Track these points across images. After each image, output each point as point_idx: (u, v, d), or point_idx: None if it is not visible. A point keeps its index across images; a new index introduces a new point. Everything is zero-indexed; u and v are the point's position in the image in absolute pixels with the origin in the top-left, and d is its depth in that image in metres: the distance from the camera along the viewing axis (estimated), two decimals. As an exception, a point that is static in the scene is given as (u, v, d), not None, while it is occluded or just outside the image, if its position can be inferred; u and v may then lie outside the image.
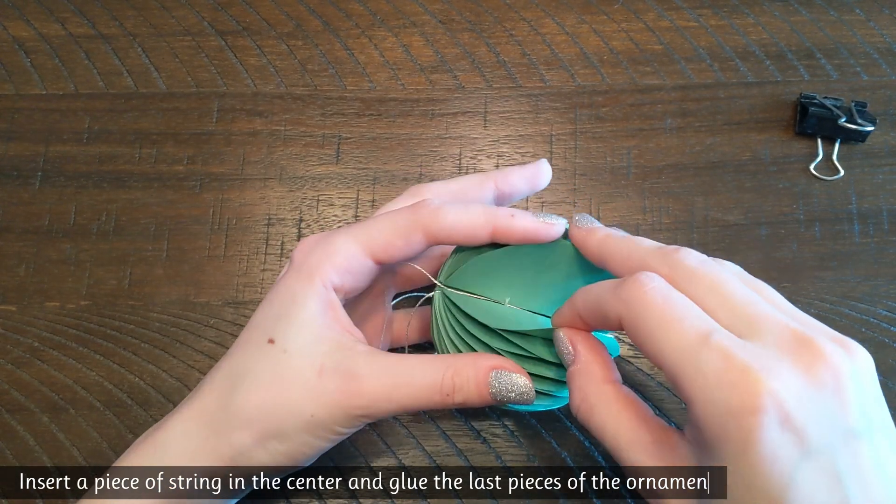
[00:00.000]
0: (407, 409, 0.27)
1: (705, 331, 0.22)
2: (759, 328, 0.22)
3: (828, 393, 0.20)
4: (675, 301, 0.23)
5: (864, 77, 0.42)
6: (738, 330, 0.22)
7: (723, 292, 0.23)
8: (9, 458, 0.35)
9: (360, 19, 0.43)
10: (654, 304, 0.23)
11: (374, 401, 0.27)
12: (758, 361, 0.20)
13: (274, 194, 0.40)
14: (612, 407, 0.25)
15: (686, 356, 0.21)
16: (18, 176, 0.40)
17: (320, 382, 0.27)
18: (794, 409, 0.20)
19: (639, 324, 0.23)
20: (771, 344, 0.21)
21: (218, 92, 0.42)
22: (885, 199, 0.39)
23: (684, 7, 0.43)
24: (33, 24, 0.43)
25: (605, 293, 0.25)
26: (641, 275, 0.24)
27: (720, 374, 0.21)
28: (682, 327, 0.22)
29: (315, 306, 0.28)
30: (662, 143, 0.41)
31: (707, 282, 0.24)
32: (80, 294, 0.38)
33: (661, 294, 0.23)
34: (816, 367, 0.21)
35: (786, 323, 0.22)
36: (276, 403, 0.27)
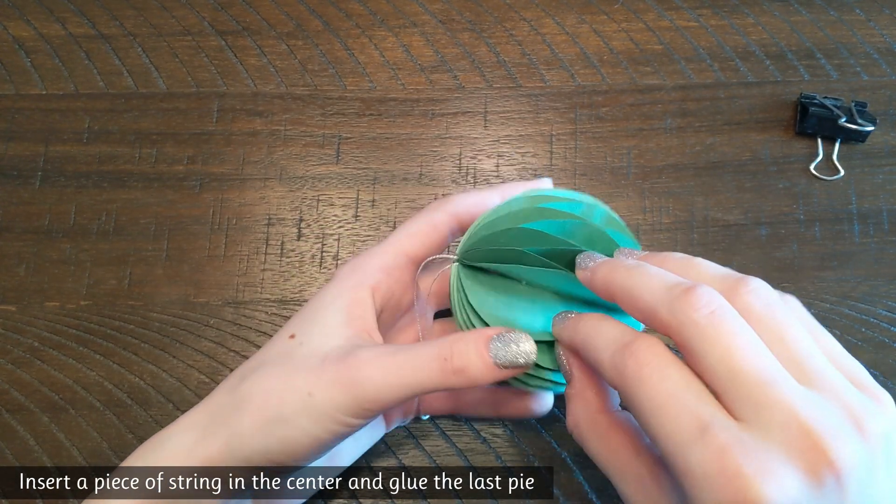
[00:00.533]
0: (407, 386, 0.26)
1: (703, 420, 0.20)
2: (765, 414, 0.20)
3: (828, 494, 0.19)
4: (671, 379, 0.21)
5: (865, 77, 0.42)
6: (742, 412, 0.20)
7: (733, 363, 0.20)
8: (9, 458, 0.35)
9: (360, 19, 0.43)
10: (649, 382, 0.21)
11: (371, 378, 0.26)
12: (754, 462, 0.19)
13: (274, 194, 0.40)
14: (603, 437, 0.25)
15: (679, 450, 0.20)
16: (18, 176, 0.40)
17: (321, 365, 0.26)
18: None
19: (634, 403, 0.22)
20: (773, 437, 0.19)
21: (218, 92, 0.42)
22: (885, 199, 0.39)
23: (684, 7, 0.43)
24: (33, 24, 0.43)
25: (603, 353, 0.23)
26: (639, 345, 0.22)
27: (711, 476, 0.19)
28: (677, 414, 0.20)
29: (340, 305, 0.28)
30: (662, 143, 0.41)
31: (719, 348, 0.21)
32: (80, 294, 0.38)
33: (657, 371, 0.21)
34: (819, 466, 0.19)
35: (794, 409, 0.19)
36: (278, 385, 0.26)
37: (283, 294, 0.38)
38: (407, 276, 0.30)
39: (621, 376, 0.22)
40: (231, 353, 0.37)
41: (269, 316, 0.38)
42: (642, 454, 0.24)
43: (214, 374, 0.37)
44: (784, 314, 0.22)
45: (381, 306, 0.30)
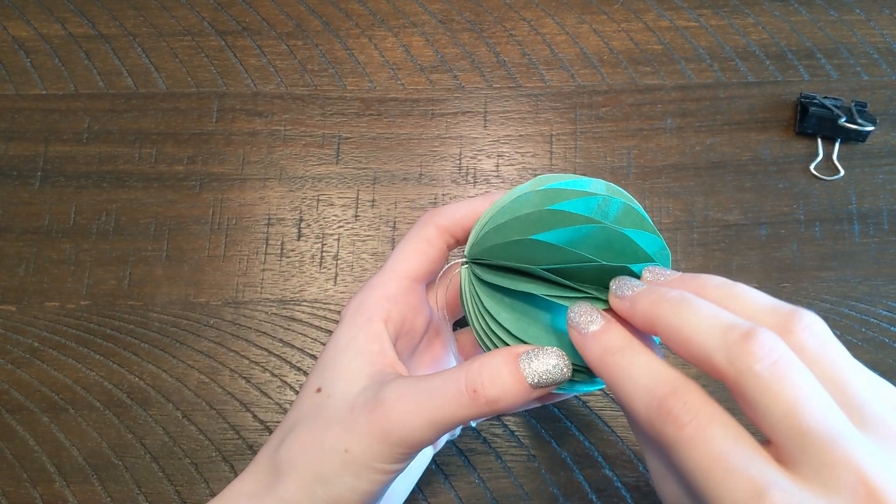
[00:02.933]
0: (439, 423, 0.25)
1: (758, 484, 0.19)
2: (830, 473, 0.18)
3: None
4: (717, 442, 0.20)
5: (865, 77, 0.42)
6: (804, 470, 0.19)
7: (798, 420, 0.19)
8: (9, 458, 0.35)
9: (360, 19, 0.43)
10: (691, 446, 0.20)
11: (402, 423, 0.25)
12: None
13: (274, 194, 0.40)
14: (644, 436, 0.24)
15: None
16: (18, 176, 0.40)
17: (352, 417, 0.26)
18: None
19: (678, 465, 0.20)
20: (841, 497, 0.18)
21: (218, 92, 0.42)
22: (885, 199, 0.39)
23: (684, 7, 0.43)
24: (33, 24, 0.43)
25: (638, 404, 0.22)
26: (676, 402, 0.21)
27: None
28: (727, 479, 0.19)
29: (357, 347, 0.28)
30: (662, 143, 0.41)
31: (782, 403, 0.19)
32: (80, 294, 0.38)
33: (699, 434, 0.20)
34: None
35: (861, 468, 0.18)
36: (314, 445, 0.26)
37: (283, 294, 0.38)
38: (414, 300, 0.30)
39: (659, 436, 0.21)
40: (231, 353, 0.37)
41: (268, 316, 0.38)
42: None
43: (214, 374, 0.37)
44: (838, 353, 0.21)
45: (396, 335, 0.29)
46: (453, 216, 0.30)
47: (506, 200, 0.29)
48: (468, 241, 0.29)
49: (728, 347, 0.20)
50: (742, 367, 0.20)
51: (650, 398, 0.21)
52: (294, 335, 0.37)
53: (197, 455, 0.35)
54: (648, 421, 0.21)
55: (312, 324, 0.37)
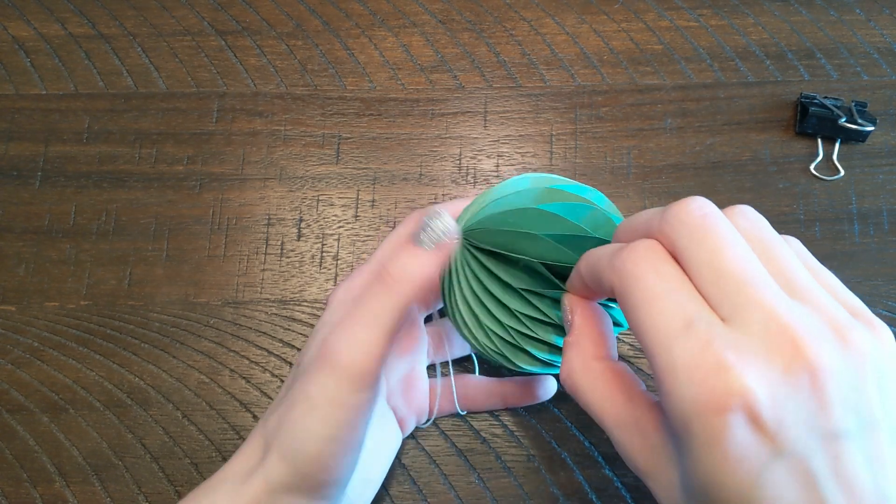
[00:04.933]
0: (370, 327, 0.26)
1: (688, 316, 0.20)
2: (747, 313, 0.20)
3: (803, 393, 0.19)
4: (664, 277, 0.21)
5: (865, 77, 0.42)
6: (725, 311, 0.20)
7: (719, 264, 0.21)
8: (9, 458, 0.35)
9: (360, 19, 0.43)
10: (643, 277, 0.22)
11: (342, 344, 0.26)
12: (734, 355, 0.19)
13: (274, 194, 0.40)
14: (597, 384, 0.25)
15: (663, 343, 0.20)
16: (18, 176, 0.40)
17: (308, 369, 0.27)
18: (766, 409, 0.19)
19: (626, 298, 0.22)
20: (753, 334, 0.20)
21: (218, 92, 0.42)
22: (885, 199, 0.39)
23: (684, 7, 0.43)
24: (33, 24, 0.43)
25: (603, 259, 0.24)
26: (637, 244, 0.23)
27: (692, 368, 0.19)
28: (664, 308, 0.21)
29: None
30: (662, 143, 0.41)
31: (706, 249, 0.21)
32: (80, 294, 0.38)
33: (651, 267, 0.22)
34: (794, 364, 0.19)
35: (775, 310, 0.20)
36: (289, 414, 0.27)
37: (283, 294, 0.38)
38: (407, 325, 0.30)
39: (618, 273, 0.22)
40: (231, 353, 0.37)
41: (268, 316, 0.38)
42: (636, 399, 0.24)
43: (214, 374, 0.37)
44: (773, 234, 0.22)
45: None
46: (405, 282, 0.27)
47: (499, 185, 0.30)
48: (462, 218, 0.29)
49: (665, 211, 0.23)
50: (674, 220, 0.22)
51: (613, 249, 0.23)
52: (294, 335, 0.37)
53: (197, 455, 0.35)
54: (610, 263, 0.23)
55: (312, 324, 0.37)
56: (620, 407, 0.24)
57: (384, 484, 0.34)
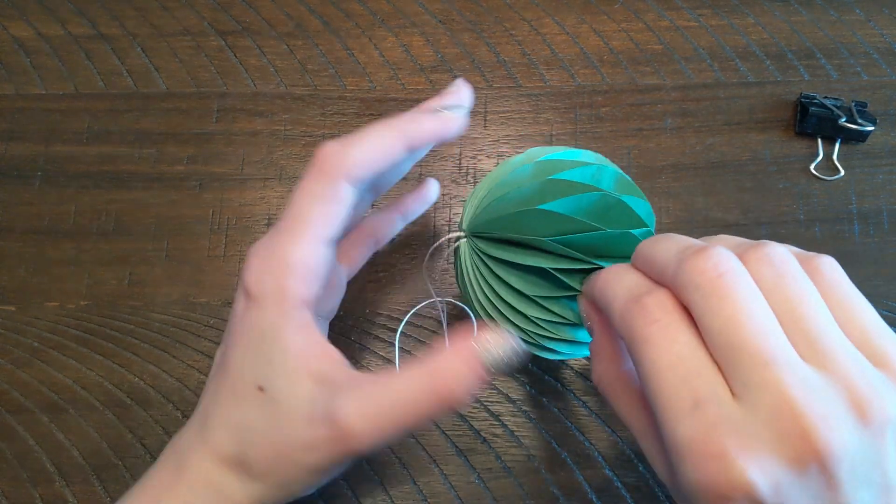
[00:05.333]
0: (406, 429, 0.25)
1: (698, 395, 0.19)
2: (758, 394, 0.19)
3: (812, 481, 0.18)
4: (677, 345, 0.20)
5: (865, 77, 0.42)
6: (738, 387, 0.19)
7: (733, 336, 0.19)
8: (9, 458, 0.35)
9: (360, 19, 0.43)
10: (655, 344, 0.20)
11: (366, 437, 0.24)
12: (738, 443, 0.18)
13: (274, 194, 0.40)
14: (621, 393, 0.25)
15: (670, 420, 0.19)
16: (19, 176, 0.40)
17: (312, 432, 0.25)
18: (769, 499, 0.18)
19: (637, 360, 0.21)
20: (764, 417, 0.18)
21: (218, 92, 0.42)
22: (886, 199, 0.39)
23: (684, 7, 0.44)
24: (33, 24, 0.43)
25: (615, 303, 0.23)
26: (651, 301, 0.21)
27: (696, 452, 0.19)
28: (675, 383, 0.20)
29: (291, 340, 0.26)
30: (662, 143, 0.41)
31: (721, 316, 0.20)
32: (80, 294, 0.38)
33: (664, 333, 0.20)
34: (804, 455, 0.18)
35: (788, 392, 0.18)
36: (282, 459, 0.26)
37: (284, 294, 0.38)
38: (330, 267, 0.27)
39: (629, 331, 0.21)
40: (231, 353, 0.37)
41: (269, 316, 0.38)
42: None
43: (214, 374, 0.37)
44: (800, 284, 0.21)
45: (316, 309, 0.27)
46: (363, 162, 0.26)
47: (501, 173, 0.29)
48: (465, 214, 0.29)
49: (679, 262, 0.21)
50: (688, 278, 0.20)
51: (629, 296, 0.22)
52: (294, 335, 0.37)
53: (197, 455, 0.35)
54: (622, 316, 0.22)
55: (312, 324, 0.37)
56: (644, 418, 0.24)
57: (384, 484, 0.34)
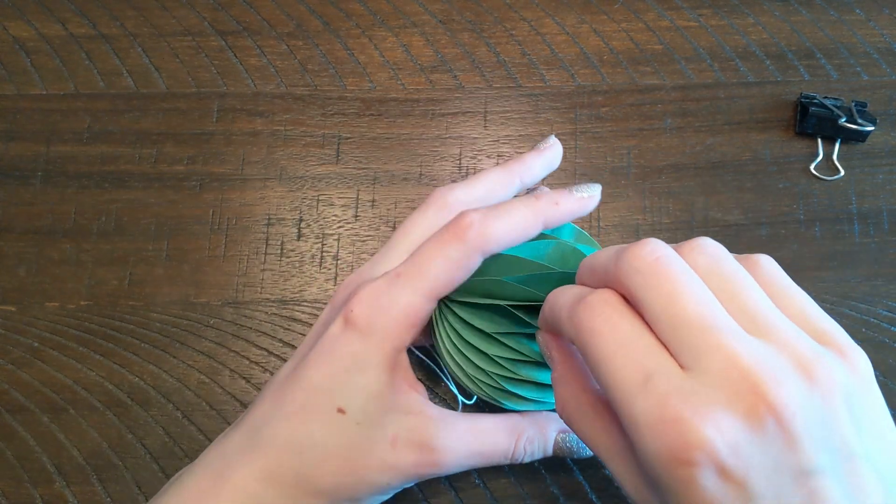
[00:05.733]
0: (475, 465, 0.29)
1: (647, 370, 0.20)
2: (706, 360, 0.19)
3: (770, 436, 0.19)
4: (620, 331, 0.21)
5: (865, 77, 0.42)
6: (684, 359, 0.20)
7: (674, 310, 0.20)
8: (9, 458, 0.35)
9: (360, 19, 0.43)
10: (599, 333, 0.21)
11: (449, 469, 0.28)
12: (692, 408, 0.19)
13: (274, 194, 0.40)
14: (588, 415, 0.25)
15: (625, 399, 0.20)
16: (19, 176, 0.40)
17: (395, 454, 0.27)
18: (731, 459, 0.18)
19: (586, 353, 0.22)
20: (713, 382, 0.19)
21: (218, 92, 0.42)
22: (886, 199, 0.39)
23: (684, 7, 0.43)
24: (34, 24, 0.43)
25: (563, 311, 0.24)
26: (593, 297, 0.22)
27: (653, 425, 0.19)
28: (623, 364, 0.21)
29: (387, 375, 0.27)
30: (662, 143, 0.41)
31: (661, 295, 0.21)
32: (80, 294, 0.38)
33: (607, 321, 0.21)
34: (757, 409, 0.19)
35: (735, 354, 0.19)
36: (352, 477, 0.27)
37: (283, 294, 0.38)
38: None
39: (576, 328, 0.22)
40: (231, 354, 0.37)
41: (268, 316, 0.38)
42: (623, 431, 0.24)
43: (214, 375, 0.37)
44: (735, 267, 0.22)
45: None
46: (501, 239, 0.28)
47: None
48: None
49: (618, 255, 0.22)
50: (627, 266, 0.22)
51: (574, 300, 0.23)
52: (294, 335, 0.37)
53: (197, 455, 0.35)
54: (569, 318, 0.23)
55: (312, 324, 0.37)
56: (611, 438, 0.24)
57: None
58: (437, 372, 0.36)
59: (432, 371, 0.36)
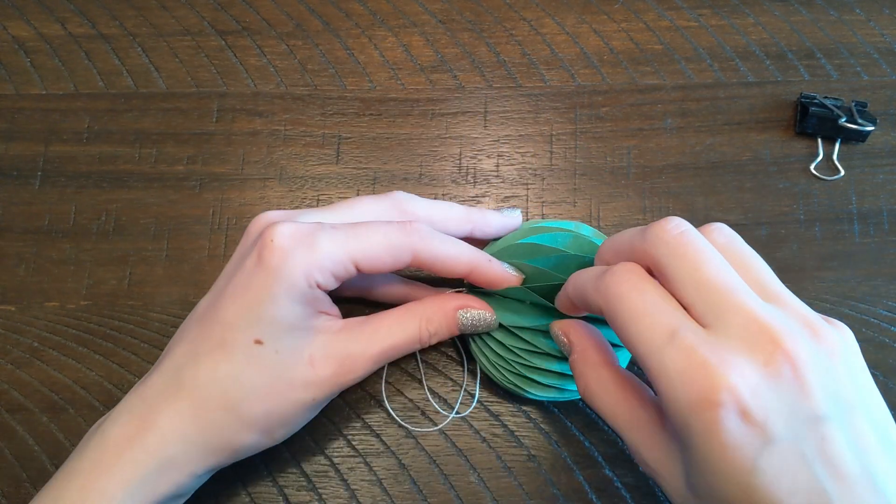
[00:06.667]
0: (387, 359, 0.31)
1: (672, 327, 0.22)
2: (727, 318, 0.22)
3: (786, 383, 0.21)
4: (647, 295, 0.24)
5: (865, 77, 0.42)
6: (707, 319, 0.23)
7: (699, 275, 0.23)
8: (9, 458, 0.35)
9: (360, 19, 0.43)
10: (627, 298, 0.24)
11: (366, 369, 0.30)
12: (717, 356, 0.21)
13: (274, 194, 0.40)
14: (611, 389, 0.27)
15: (653, 353, 0.22)
16: (18, 176, 0.40)
17: (315, 371, 0.29)
18: (752, 401, 0.21)
19: (614, 317, 0.24)
20: (734, 336, 0.22)
21: (218, 92, 0.42)
22: (886, 199, 0.39)
23: (684, 7, 0.43)
24: (33, 24, 0.43)
25: (588, 283, 0.26)
26: (619, 267, 0.25)
27: (682, 372, 0.22)
28: (651, 323, 0.23)
29: (300, 306, 0.28)
30: (662, 143, 0.41)
31: (684, 264, 0.23)
32: (80, 294, 0.38)
33: (634, 287, 0.24)
34: (775, 357, 0.21)
35: (753, 312, 0.22)
36: (278, 401, 0.28)
37: (283, 294, 0.38)
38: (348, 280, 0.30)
39: (604, 296, 0.25)
40: (231, 353, 0.37)
41: (269, 316, 0.38)
42: (643, 402, 0.26)
43: (214, 374, 0.37)
44: (747, 247, 0.25)
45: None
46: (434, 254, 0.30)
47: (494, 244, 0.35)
48: None
49: (645, 231, 0.25)
50: (654, 239, 0.24)
51: (599, 273, 0.26)
52: (294, 335, 0.37)
53: (197, 455, 0.35)
54: (596, 288, 0.25)
55: (312, 324, 0.37)
56: (630, 410, 0.26)
57: (384, 484, 0.34)
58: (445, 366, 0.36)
59: (433, 369, 0.36)
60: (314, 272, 0.27)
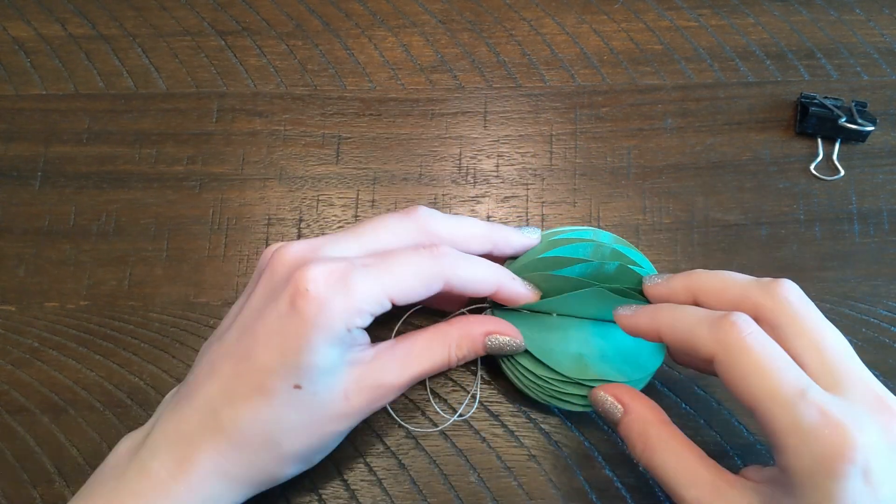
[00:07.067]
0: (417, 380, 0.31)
1: (802, 386, 0.24)
2: (849, 384, 0.24)
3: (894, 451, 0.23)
4: (772, 351, 0.25)
5: (865, 77, 0.42)
6: (827, 383, 0.24)
7: (820, 342, 0.25)
8: (9, 458, 0.35)
9: (360, 19, 0.43)
10: (752, 351, 0.25)
11: (396, 395, 0.30)
12: (848, 418, 0.23)
13: (274, 194, 0.40)
14: (672, 447, 0.28)
15: (783, 408, 0.23)
16: (18, 176, 0.40)
17: (350, 405, 0.29)
18: (876, 464, 0.22)
19: (735, 369, 0.25)
20: (857, 401, 0.24)
21: (218, 92, 0.42)
22: (886, 199, 0.39)
23: (684, 7, 0.43)
24: (33, 25, 0.43)
25: (700, 328, 0.26)
26: (738, 318, 0.25)
27: (816, 428, 0.23)
28: (780, 379, 0.24)
29: (337, 350, 0.28)
30: (662, 143, 0.41)
31: (807, 328, 0.25)
32: (80, 294, 0.38)
33: (759, 342, 0.25)
34: (891, 427, 0.23)
35: (871, 382, 0.25)
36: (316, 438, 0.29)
37: (283, 294, 0.38)
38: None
39: (723, 344, 0.25)
40: (231, 354, 0.37)
41: (269, 316, 0.37)
42: (706, 462, 0.27)
43: (214, 375, 0.36)
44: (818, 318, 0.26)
45: None
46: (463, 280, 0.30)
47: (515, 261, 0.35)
48: None
49: (767, 288, 0.26)
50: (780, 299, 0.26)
51: (712, 317, 0.26)
52: (294, 335, 0.37)
53: (197, 455, 0.35)
54: (711, 334, 0.25)
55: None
56: (696, 467, 0.27)
57: (384, 483, 0.34)
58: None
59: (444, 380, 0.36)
60: (353, 317, 0.27)
